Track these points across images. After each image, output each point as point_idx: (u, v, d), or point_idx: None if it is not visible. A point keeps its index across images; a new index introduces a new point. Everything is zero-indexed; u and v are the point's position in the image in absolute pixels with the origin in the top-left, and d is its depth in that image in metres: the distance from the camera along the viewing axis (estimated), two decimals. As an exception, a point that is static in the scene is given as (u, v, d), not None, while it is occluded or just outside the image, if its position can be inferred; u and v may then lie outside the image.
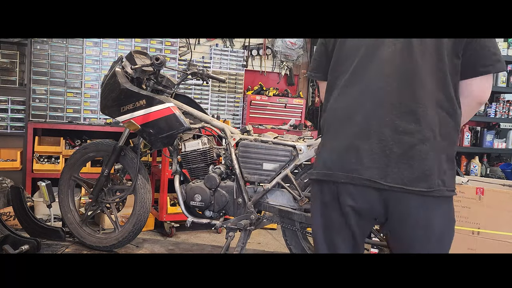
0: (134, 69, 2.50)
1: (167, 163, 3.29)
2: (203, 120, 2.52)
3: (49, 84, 3.71)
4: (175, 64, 4.01)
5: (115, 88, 2.48)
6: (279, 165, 2.30)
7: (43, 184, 2.88)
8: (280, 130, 4.12)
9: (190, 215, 2.48)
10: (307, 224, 2.32)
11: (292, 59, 4.64)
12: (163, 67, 2.48)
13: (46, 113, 3.70)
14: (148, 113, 2.43)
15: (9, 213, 3.10)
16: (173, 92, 2.62)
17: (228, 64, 4.35)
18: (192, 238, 3.40)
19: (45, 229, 2.85)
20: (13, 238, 2.48)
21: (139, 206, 2.70)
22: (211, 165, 2.51)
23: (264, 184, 2.32)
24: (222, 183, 2.43)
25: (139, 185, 2.69)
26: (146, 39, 3.95)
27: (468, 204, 2.87)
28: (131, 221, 2.71)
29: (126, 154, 2.72)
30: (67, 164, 2.88)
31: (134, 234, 2.73)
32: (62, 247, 2.77)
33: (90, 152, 2.83)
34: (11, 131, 3.79)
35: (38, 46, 3.66)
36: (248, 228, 2.35)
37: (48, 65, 3.70)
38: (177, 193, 2.50)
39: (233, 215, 2.42)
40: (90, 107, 3.81)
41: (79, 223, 2.83)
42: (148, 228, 3.47)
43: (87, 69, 3.80)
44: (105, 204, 2.79)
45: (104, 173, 2.73)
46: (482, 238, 2.81)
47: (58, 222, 3.17)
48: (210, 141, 2.55)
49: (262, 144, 2.33)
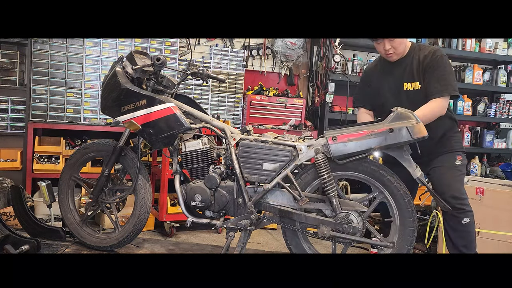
0: (135, 69, 2.50)
1: (167, 163, 3.29)
2: (203, 120, 2.53)
3: (49, 84, 3.71)
4: (175, 64, 4.01)
5: (115, 88, 2.48)
6: (279, 165, 2.30)
7: (43, 184, 2.88)
8: (280, 130, 4.12)
9: (190, 215, 2.49)
10: (307, 224, 2.32)
11: (292, 59, 4.64)
12: (164, 68, 2.48)
13: (46, 113, 3.70)
14: (148, 113, 2.43)
15: (9, 213, 3.10)
16: (173, 92, 2.62)
17: (228, 64, 4.35)
18: (192, 238, 3.40)
19: (45, 229, 2.85)
20: (13, 238, 2.48)
21: (140, 206, 2.70)
22: (211, 165, 2.51)
23: (264, 184, 2.32)
24: (222, 183, 2.43)
25: (139, 185, 2.69)
26: (146, 39, 3.95)
27: (468, 204, 2.87)
28: (131, 221, 2.71)
29: (127, 154, 2.72)
30: (67, 164, 2.88)
31: (134, 234, 2.73)
32: (62, 247, 2.77)
33: (90, 152, 2.83)
34: (11, 131, 3.78)
35: (38, 46, 3.66)
36: (248, 228, 2.36)
37: (48, 65, 3.70)
38: (177, 193, 2.50)
39: (233, 215, 2.42)
40: (90, 107, 3.81)
41: (79, 223, 2.83)
42: (148, 228, 3.47)
43: (87, 69, 3.80)
44: (105, 204, 2.79)
45: (105, 173, 2.73)
46: (482, 238, 2.82)
47: (58, 222, 3.17)
48: (211, 141, 2.55)
49: (262, 144, 2.33)
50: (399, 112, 2.14)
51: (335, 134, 2.18)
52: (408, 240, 2.23)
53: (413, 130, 2.08)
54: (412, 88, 2.44)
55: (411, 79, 2.44)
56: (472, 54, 4.76)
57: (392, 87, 2.49)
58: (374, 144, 2.13)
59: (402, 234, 2.24)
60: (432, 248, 3.09)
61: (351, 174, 2.28)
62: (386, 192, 2.23)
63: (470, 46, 4.72)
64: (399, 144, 2.12)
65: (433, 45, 4.59)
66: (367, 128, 2.17)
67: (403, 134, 2.09)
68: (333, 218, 2.24)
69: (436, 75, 2.36)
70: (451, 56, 4.76)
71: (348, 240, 2.24)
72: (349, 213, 2.22)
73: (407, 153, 2.17)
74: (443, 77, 2.36)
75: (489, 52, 4.80)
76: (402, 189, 2.21)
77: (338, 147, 2.17)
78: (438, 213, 2.94)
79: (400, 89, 2.47)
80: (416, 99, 2.40)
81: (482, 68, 4.89)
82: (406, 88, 2.45)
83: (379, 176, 2.22)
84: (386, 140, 2.11)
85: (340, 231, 2.22)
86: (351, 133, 2.17)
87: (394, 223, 2.27)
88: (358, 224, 2.21)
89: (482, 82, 4.82)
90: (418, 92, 2.42)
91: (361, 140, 2.14)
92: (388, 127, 2.11)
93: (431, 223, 3.02)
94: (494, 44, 4.80)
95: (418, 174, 2.19)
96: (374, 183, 2.24)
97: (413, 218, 2.22)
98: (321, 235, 2.23)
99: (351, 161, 2.21)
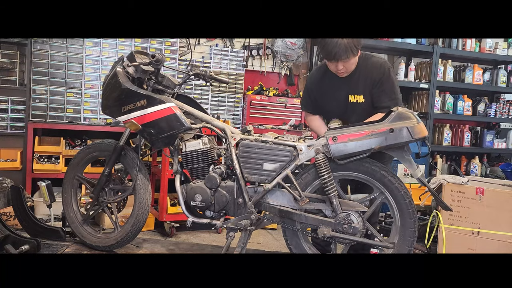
0: (135, 68, 2.49)
1: (167, 163, 3.29)
2: (204, 120, 2.52)
3: (49, 84, 3.71)
4: (175, 64, 4.01)
5: (116, 88, 2.48)
6: (279, 165, 2.30)
7: (43, 184, 2.88)
8: (280, 130, 4.12)
9: (190, 215, 2.48)
10: (307, 224, 2.32)
11: (292, 59, 4.64)
12: (162, 66, 2.48)
13: (46, 113, 3.70)
14: (149, 112, 2.43)
15: (9, 213, 3.10)
16: (174, 92, 2.61)
17: (228, 64, 4.35)
18: (192, 238, 3.40)
19: (45, 229, 2.85)
20: (13, 238, 2.48)
21: (138, 206, 2.70)
22: (211, 165, 2.50)
23: (265, 184, 2.32)
24: (223, 183, 2.43)
25: (138, 185, 2.69)
26: (146, 39, 3.95)
27: (468, 204, 2.87)
28: (129, 222, 2.71)
29: (127, 154, 2.72)
30: (71, 164, 2.88)
31: (133, 235, 2.73)
32: (62, 247, 2.77)
33: (93, 152, 2.83)
34: (11, 131, 3.78)
35: (38, 46, 3.66)
36: (249, 228, 2.35)
37: (48, 65, 3.70)
38: (178, 193, 2.50)
39: (234, 215, 2.42)
40: (90, 107, 3.81)
41: (80, 222, 2.83)
42: (148, 228, 3.47)
43: (87, 69, 3.80)
44: (106, 204, 2.79)
45: (105, 173, 2.73)
46: (482, 238, 2.82)
47: (58, 222, 3.17)
48: (211, 141, 2.55)
49: (262, 144, 2.33)
50: (399, 112, 2.14)
51: (336, 134, 2.18)
52: (408, 241, 2.22)
53: (414, 130, 2.08)
54: (356, 100, 2.48)
55: (356, 92, 2.47)
56: (472, 54, 4.76)
57: (337, 98, 2.52)
58: (375, 144, 2.12)
59: (402, 235, 2.24)
60: (432, 248, 3.09)
61: (352, 175, 2.28)
62: (387, 193, 2.22)
63: (470, 46, 4.73)
64: (399, 144, 2.12)
65: (431, 45, 4.60)
66: (367, 128, 2.16)
67: (404, 134, 2.09)
68: (333, 219, 2.24)
69: (385, 90, 2.41)
70: (451, 56, 4.77)
71: (348, 240, 2.24)
72: (349, 214, 2.22)
73: (408, 153, 2.17)
74: (392, 91, 2.43)
75: (489, 52, 4.80)
76: (403, 190, 2.20)
77: (338, 147, 2.17)
78: (438, 213, 2.94)
79: (345, 101, 2.50)
80: (359, 111, 2.47)
81: (482, 68, 4.90)
82: (350, 100, 2.49)
83: (380, 176, 2.22)
84: (386, 140, 2.11)
85: (340, 232, 2.22)
86: (352, 133, 2.16)
87: (394, 224, 2.27)
88: (358, 224, 2.21)
89: (482, 82, 4.83)
90: (361, 105, 2.47)
91: (362, 140, 2.14)
92: (388, 127, 2.11)
93: (431, 223, 3.02)
94: (494, 44, 4.80)
95: (419, 175, 2.19)
96: (375, 184, 2.24)
97: (414, 219, 2.21)
98: (321, 236, 2.23)
99: (351, 161, 2.20)
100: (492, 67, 5.10)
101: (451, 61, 4.73)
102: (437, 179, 3.03)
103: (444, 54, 4.66)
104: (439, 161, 4.77)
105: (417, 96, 4.78)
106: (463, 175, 3.71)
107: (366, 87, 2.45)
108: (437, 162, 4.72)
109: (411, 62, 4.71)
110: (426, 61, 4.70)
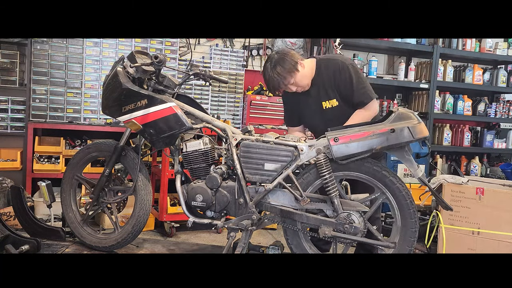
0: (135, 68, 2.49)
1: (167, 163, 3.29)
2: (205, 120, 2.52)
3: (49, 84, 3.70)
4: (175, 64, 4.01)
5: (116, 88, 2.48)
6: (280, 165, 2.30)
7: (43, 184, 2.87)
8: (281, 130, 4.11)
9: (191, 215, 2.48)
10: (308, 224, 2.32)
11: (292, 59, 4.63)
12: (163, 66, 2.48)
13: (46, 113, 3.69)
14: (149, 112, 2.43)
15: (9, 213, 3.09)
16: (174, 92, 2.61)
17: (228, 64, 4.35)
18: (193, 238, 3.40)
19: (45, 229, 2.85)
20: (13, 238, 2.48)
21: (139, 207, 2.69)
22: (212, 165, 2.50)
23: (266, 184, 2.32)
24: (224, 183, 2.43)
25: (139, 186, 2.69)
26: (146, 39, 3.94)
27: (468, 204, 2.87)
28: (130, 222, 2.71)
29: (127, 154, 2.72)
30: (70, 163, 2.87)
31: (133, 236, 2.72)
32: (62, 247, 2.77)
33: (93, 152, 2.83)
34: (11, 131, 3.78)
35: (38, 46, 3.65)
36: (250, 228, 2.35)
37: (48, 65, 3.69)
38: (179, 193, 2.50)
39: (235, 215, 2.42)
40: (90, 107, 3.80)
41: (80, 222, 2.83)
42: (149, 228, 3.47)
43: (87, 69, 3.79)
44: (106, 204, 2.79)
45: (105, 173, 2.73)
46: (482, 238, 2.82)
47: (58, 222, 3.16)
48: (212, 141, 2.55)
49: (263, 144, 2.33)
50: (400, 112, 2.14)
51: (337, 135, 2.18)
52: (409, 241, 2.22)
53: (415, 130, 2.08)
54: (331, 105, 2.47)
55: (327, 97, 2.47)
56: (472, 54, 4.76)
57: (312, 108, 2.53)
58: (376, 144, 2.13)
59: (403, 235, 2.24)
60: (432, 248, 3.09)
61: (353, 175, 2.28)
62: (388, 193, 2.22)
63: (470, 46, 4.72)
64: (400, 144, 2.12)
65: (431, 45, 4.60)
66: (368, 128, 2.16)
67: (405, 134, 2.09)
68: (334, 218, 2.24)
69: (353, 87, 2.39)
70: (451, 56, 4.77)
71: (349, 240, 2.24)
72: (350, 213, 2.22)
73: (409, 153, 2.17)
74: (359, 86, 2.39)
75: (489, 52, 4.80)
76: (404, 190, 2.20)
77: (340, 148, 2.17)
78: (438, 213, 2.94)
79: (320, 108, 2.50)
80: (337, 115, 2.45)
81: (482, 68, 4.90)
82: (325, 107, 2.48)
83: (381, 176, 2.22)
84: (388, 141, 2.11)
85: (341, 231, 2.22)
86: (353, 134, 2.16)
87: (395, 224, 2.27)
88: (359, 224, 2.21)
89: (482, 82, 4.83)
90: (337, 108, 2.46)
91: (363, 140, 2.14)
92: (389, 127, 2.11)
93: (431, 223, 3.02)
94: (494, 44, 4.80)
95: (420, 174, 2.19)
96: (377, 184, 2.24)
97: (415, 219, 2.22)
98: (323, 235, 2.23)
99: (353, 161, 2.20)
100: (492, 67, 5.10)
101: (451, 61, 4.73)
102: (437, 179, 3.03)
103: (444, 54, 4.66)
104: (439, 161, 4.77)
105: (417, 96, 4.78)
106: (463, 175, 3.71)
107: (334, 91, 2.44)
108: (437, 162, 4.72)
109: (411, 62, 4.71)
110: (426, 61, 4.70)
